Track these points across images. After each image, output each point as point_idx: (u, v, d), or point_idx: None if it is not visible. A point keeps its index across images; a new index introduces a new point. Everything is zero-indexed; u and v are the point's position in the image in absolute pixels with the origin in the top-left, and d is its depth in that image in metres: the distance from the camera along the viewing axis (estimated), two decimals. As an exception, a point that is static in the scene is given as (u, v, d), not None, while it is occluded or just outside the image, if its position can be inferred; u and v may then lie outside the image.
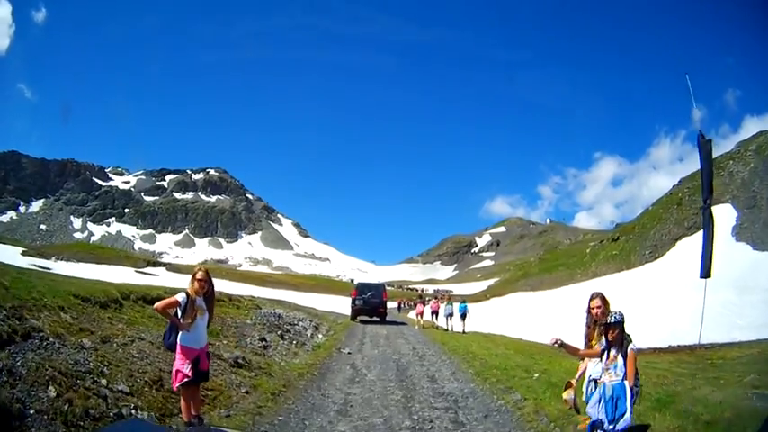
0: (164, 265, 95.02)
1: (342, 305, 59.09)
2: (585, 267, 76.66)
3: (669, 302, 33.31)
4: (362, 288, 29.21)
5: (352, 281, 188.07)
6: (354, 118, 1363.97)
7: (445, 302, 27.12)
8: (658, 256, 56.51)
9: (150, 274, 71.06)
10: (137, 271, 72.07)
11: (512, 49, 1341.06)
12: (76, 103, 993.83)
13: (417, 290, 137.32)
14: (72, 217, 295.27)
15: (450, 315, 25.89)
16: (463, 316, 25.42)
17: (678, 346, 20.28)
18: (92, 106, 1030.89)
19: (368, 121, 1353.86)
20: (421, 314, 27.08)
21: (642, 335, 24.23)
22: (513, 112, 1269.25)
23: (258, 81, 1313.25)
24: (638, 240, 67.94)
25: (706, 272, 7.55)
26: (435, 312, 27.46)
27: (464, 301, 26.90)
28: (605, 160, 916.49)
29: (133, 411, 6.42)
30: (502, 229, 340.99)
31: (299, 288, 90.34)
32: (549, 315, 42.41)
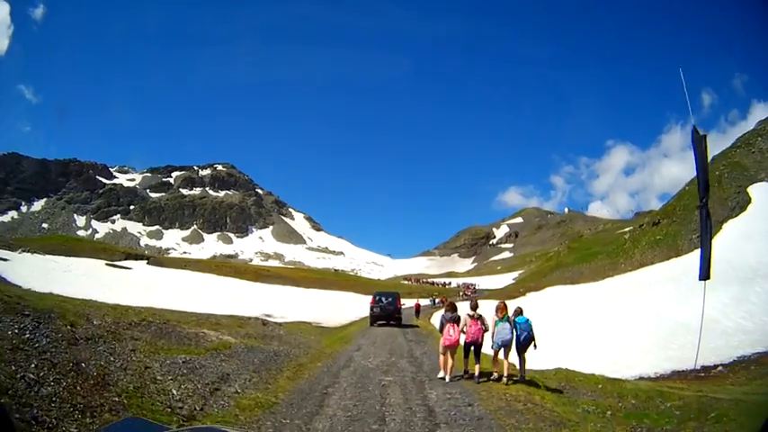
0: (146, 258, 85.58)
1: (338, 310, 48.22)
2: (628, 256, 68.31)
3: (735, 298, 28.93)
4: (379, 297, 30.99)
5: (336, 270, 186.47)
6: (366, 110, 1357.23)
7: (497, 317, 11.70)
8: (706, 242, 48.00)
9: (123, 268, 63.52)
10: (107, 264, 64.12)
11: (524, 42, 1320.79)
12: (79, 103, 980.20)
13: (437, 284, 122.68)
14: (75, 215, 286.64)
15: (507, 345, 11.39)
16: (527, 344, 11.51)
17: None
18: (95, 105, 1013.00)
19: (380, 113, 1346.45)
20: (452, 347, 11.80)
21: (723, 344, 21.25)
22: (524, 102, 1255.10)
23: (266, 74, 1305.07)
24: (681, 224, 60.43)
25: (705, 273, 7.02)
26: (475, 345, 11.77)
27: (521, 312, 11.99)
28: (617, 148, 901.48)
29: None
30: (519, 219, 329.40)
31: (299, 283, 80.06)
32: (617, 316, 35.72)
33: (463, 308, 12.45)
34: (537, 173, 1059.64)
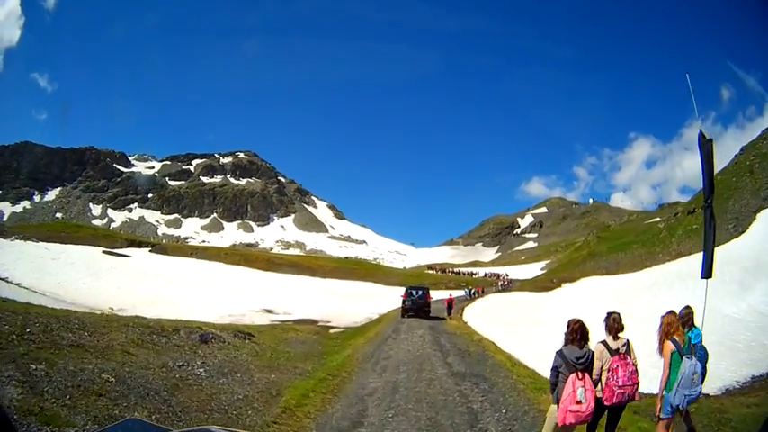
0: (151, 245, 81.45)
1: (354, 304, 42.99)
2: (665, 245, 65.27)
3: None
4: (411, 291, 33.52)
5: (347, 258, 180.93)
6: (391, 102, 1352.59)
7: (673, 345, 6.48)
8: (743, 231, 48.97)
9: (121, 255, 59.24)
10: (105, 252, 60.11)
11: (550, 41, 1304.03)
12: (96, 91, 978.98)
13: (463, 273, 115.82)
14: (91, 204, 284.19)
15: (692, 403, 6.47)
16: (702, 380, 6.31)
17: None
18: (111, 93, 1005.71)
19: (404, 104, 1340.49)
20: (581, 423, 5.88)
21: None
22: (548, 94, 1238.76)
23: (293, 64, 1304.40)
24: (717, 213, 54.05)
25: (707, 271, 7.12)
26: (620, 408, 6.30)
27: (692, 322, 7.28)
28: (640, 141, 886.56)
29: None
30: (543, 209, 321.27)
31: (315, 273, 75.06)
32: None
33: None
34: (560, 164, 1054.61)
